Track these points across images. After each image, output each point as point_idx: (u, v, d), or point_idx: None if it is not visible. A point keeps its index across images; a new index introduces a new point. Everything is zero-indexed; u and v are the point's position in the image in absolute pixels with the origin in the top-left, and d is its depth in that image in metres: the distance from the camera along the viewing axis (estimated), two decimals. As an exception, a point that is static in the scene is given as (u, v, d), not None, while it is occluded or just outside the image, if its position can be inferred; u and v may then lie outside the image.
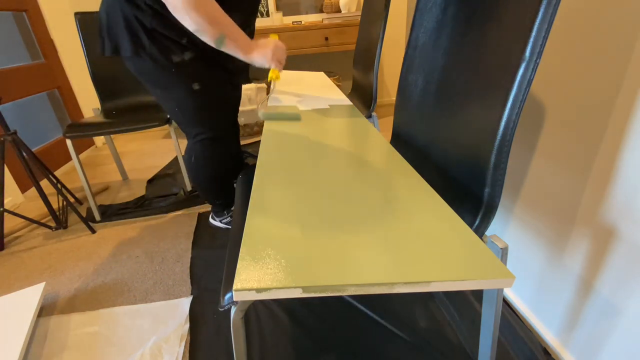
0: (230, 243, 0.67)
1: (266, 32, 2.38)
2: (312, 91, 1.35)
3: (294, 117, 0.98)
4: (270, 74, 1.03)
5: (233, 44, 0.90)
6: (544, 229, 0.86)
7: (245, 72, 1.26)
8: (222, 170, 1.25)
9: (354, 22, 2.45)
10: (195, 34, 0.86)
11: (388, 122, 2.69)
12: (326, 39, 2.47)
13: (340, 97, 1.23)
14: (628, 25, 0.60)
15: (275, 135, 0.83)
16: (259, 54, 0.95)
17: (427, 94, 0.78)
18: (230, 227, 1.36)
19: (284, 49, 1.02)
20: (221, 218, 1.43)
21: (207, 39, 0.87)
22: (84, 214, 1.69)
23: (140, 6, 0.91)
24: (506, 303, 1.02)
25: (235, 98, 1.24)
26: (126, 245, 1.43)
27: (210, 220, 1.47)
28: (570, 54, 0.74)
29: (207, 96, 1.08)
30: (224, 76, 1.11)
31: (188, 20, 0.82)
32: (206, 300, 1.11)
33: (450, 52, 0.69)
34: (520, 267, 0.97)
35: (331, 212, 0.50)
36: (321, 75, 1.67)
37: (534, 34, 0.48)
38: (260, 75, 2.94)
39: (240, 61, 0.97)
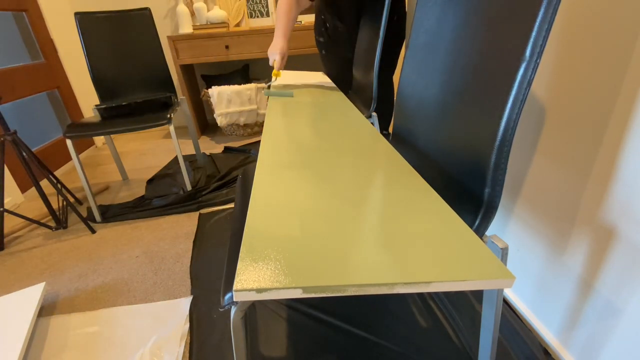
0: (230, 243, 0.67)
1: (267, 32, 2.38)
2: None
3: (288, 94, 1.28)
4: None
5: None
6: (544, 229, 0.86)
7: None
8: None
9: (354, 22, 2.44)
10: None
11: (388, 122, 2.68)
12: (326, 39, 2.47)
13: (339, 94, 1.23)
14: (628, 25, 0.60)
15: (275, 136, 0.83)
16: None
17: (427, 94, 0.78)
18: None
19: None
20: None
21: None
22: (84, 214, 1.69)
23: None
24: (506, 303, 1.02)
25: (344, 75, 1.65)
26: (126, 245, 1.43)
27: None
28: (570, 54, 0.74)
29: (328, 63, 1.67)
30: (341, 52, 1.59)
31: None
32: (206, 300, 1.11)
33: (450, 52, 0.69)
34: (520, 267, 0.97)
35: (331, 212, 0.50)
36: (320, 75, 1.67)
37: (534, 34, 0.48)
38: (260, 75, 2.94)
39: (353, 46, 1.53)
